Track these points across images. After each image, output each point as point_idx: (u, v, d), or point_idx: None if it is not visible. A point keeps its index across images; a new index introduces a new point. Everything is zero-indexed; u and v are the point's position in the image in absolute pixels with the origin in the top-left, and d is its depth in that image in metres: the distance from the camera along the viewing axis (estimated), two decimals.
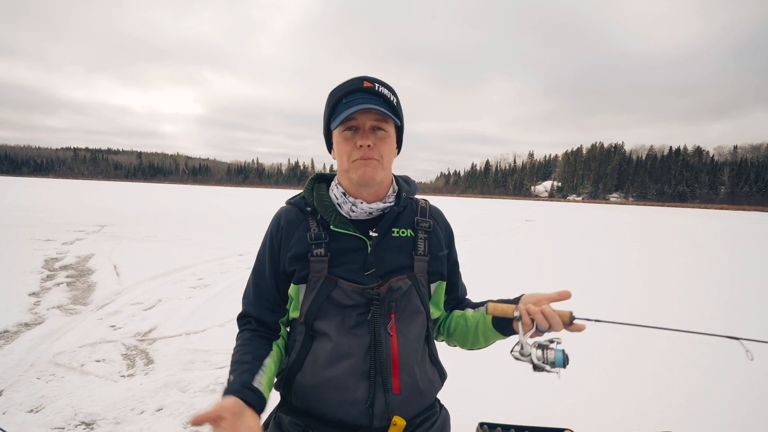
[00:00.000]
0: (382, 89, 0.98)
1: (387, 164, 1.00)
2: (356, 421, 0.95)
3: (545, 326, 0.92)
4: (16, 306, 4.17)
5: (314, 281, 0.97)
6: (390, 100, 0.99)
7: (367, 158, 0.95)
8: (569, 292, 0.95)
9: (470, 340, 1.10)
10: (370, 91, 0.97)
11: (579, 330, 0.93)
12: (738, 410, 2.62)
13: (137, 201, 25.88)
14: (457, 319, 1.12)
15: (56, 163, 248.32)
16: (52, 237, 8.96)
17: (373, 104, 0.94)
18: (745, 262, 9.52)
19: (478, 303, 1.14)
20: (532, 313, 0.93)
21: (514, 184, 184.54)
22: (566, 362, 0.87)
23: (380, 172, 0.98)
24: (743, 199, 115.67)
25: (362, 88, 0.97)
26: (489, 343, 1.09)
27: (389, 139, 0.99)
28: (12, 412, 2.34)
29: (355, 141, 0.96)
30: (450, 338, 1.15)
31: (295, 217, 1.04)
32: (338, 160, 1.02)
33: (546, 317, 0.92)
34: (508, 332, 1.02)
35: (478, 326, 1.06)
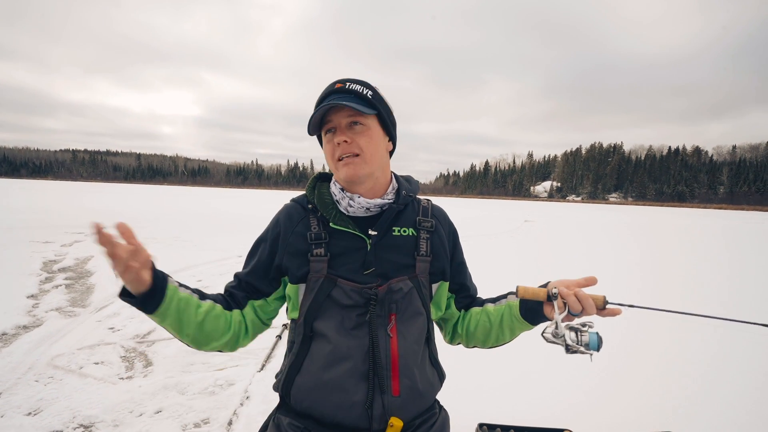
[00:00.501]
0: (353, 86, 1.00)
1: (371, 157, 0.99)
2: (355, 423, 0.94)
3: (578, 309, 0.90)
4: (14, 308, 4.15)
5: (314, 281, 0.97)
6: (362, 93, 0.99)
7: (347, 155, 0.97)
8: (595, 278, 0.95)
9: (494, 336, 1.08)
10: (341, 91, 0.99)
11: (613, 314, 0.92)
12: (738, 410, 2.62)
13: (136, 203, 25.85)
14: (476, 315, 1.10)
15: (55, 165, 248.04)
16: (51, 239, 8.94)
17: (340, 101, 0.95)
18: (744, 261, 9.53)
19: (497, 297, 1.12)
20: (564, 296, 0.91)
21: (513, 185, 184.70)
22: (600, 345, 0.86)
23: (364, 167, 0.98)
24: (742, 199, 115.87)
25: (334, 90, 0.99)
26: (514, 336, 1.07)
27: (369, 131, 0.99)
28: (10, 415, 2.33)
29: (334, 140, 0.98)
30: (470, 338, 1.13)
31: (296, 214, 1.05)
32: (327, 163, 1.05)
33: (579, 300, 0.91)
34: (537, 320, 1.01)
35: (503, 319, 1.05)
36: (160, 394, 2.63)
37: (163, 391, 2.67)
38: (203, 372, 2.96)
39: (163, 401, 2.55)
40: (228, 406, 2.51)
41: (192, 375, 2.90)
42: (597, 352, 0.86)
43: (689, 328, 4.27)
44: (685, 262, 9.20)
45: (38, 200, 23.12)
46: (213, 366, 3.07)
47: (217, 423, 2.35)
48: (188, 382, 2.78)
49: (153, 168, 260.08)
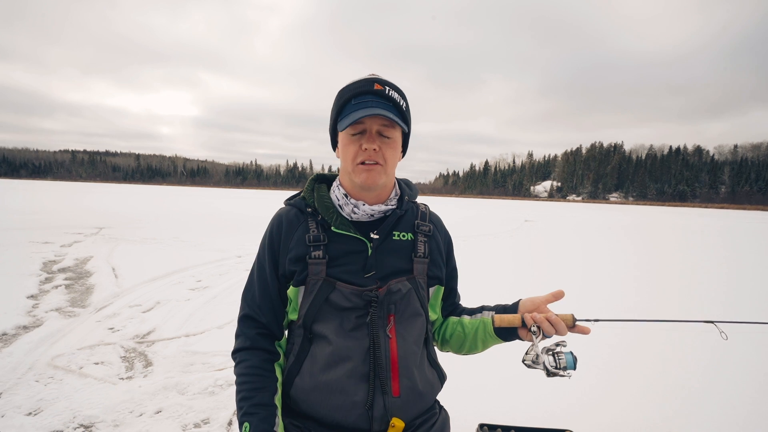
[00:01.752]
0: (393, 93, 0.97)
1: (390, 169, 0.99)
2: (355, 424, 0.94)
3: (552, 333, 0.96)
4: (14, 308, 4.15)
5: (312, 283, 0.97)
6: (399, 104, 0.98)
7: (371, 161, 0.95)
8: (562, 291, 0.99)
9: (467, 346, 1.11)
10: (381, 95, 0.96)
11: (583, 332, 0.96)
12: (738, 409, 2.62)
13: (135, 203, 25.85)
14: (453, 325, 1.12)
15: (54, 166, 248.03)
16: (51, 239, 8.94)
17: (382, 109, 0.93)
18: (743, 261, 9.53)
19: (474, 309, 1.14)
20: (538, 321, 0.96)
21: (513, 185, 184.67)
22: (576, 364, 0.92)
23: (383, 177, 0.97)
24: (744, 199, 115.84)
25: (372, 90, 0.96)
26: (486, 348, 1.10)
27: (395, 144, 0.98)
28: (10, 415, 2.33)
29: (361, 143, 0.95)
30: (444, 344, 1.16)
31: (295, 218, 1.03)
32: (342, 161, 1.01)
33: (552, 324, 0.95)
34: (509, 338, 1.04)
35: (477, 333, 1.07)
36: (160, 395, 2.62)
37: (163, 391, 2.67)
38: (203, 372, 2.96)
39: (163, 401, 2.54)
40: (228, 407, 2.51)
41: (192, 375, 2.90)
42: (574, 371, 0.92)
43: (688, 327, 4.27)
44: (683, 262, 9.19)
45: (38, 201, 23.12)
46: (213, 366, 3.07)
47: (217, 423, 2.35)
48: (188, 383, 2.78)
49: (152, 168, 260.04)
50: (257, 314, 1.02)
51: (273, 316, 1.02)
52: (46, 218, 13.29)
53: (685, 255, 10.27)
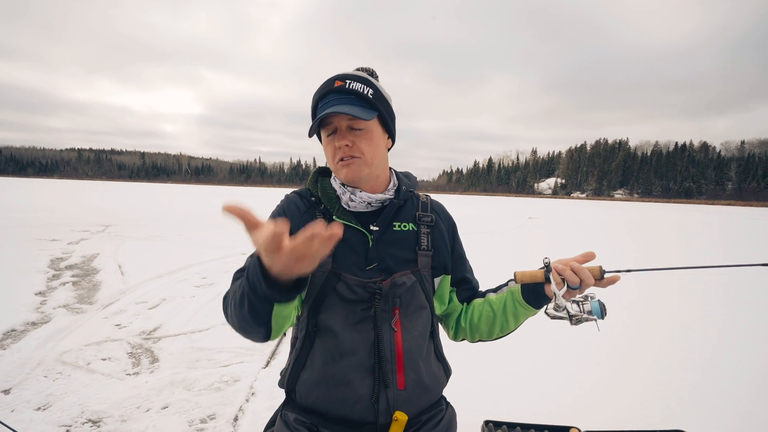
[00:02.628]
0: (354, 85, 0.96)
1: (372, 159, 0.98)
2: (361, 417, 0.94)
3: (576, 282, 0.90)
4: (22, 305, 4.20)
5: (318, 275, 0.96)
6: (363, 94, 0.96)
7: (348, 157, 0.96)
8: (593, 252, 0.95)
9: (498, 325, 1.07)
10: (341, 90, 0.96)
11: (613, 282, 0.92)
12: (744, 402, 2.60)
13: (141, 201, 26.01)
14: (479, 306, 1.09)
15: (61, 164, 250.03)
16: (58, 237, 9.02)
17: (343, 104, 0.93)
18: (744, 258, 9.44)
19: (498, 286, 1.12)
20: (560, 271, 0.92)
21: (517, 182, 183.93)
22: (604, 312, 0.86)
23: (365, 169, 0.97)
24: (751, 195, 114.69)
25: (333, 88, 0.96)
26: (519, 323, 1.06)
27: (369, 133, 0.97)
28: (20, 410, 2.36)
29: (334, 143, 0.97)
30: (474, 330, 1.11)
31: (301, 205, 1.04)
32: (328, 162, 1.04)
33: (575, 272, 0.91)
34: (540, 303, 1.00)
35: (506, 306, 1.04)
36: (166, 390, 2.65)
37: (170, 387, 2.69)
38: (209, 368, 2.98)
39: (169, 397, 2.57)
40: (234, 402, 2.53)
41: (198, 371, 2.92)
42: (602, 319, 0.86)
43: (690, 321, 4.24)
44: (687, 259, 9.13)
45: (45, 199, 23.33)
46: (218, 362, 3.09)
47: (223, 419, 2.36)
48: (194, 379, 2.80)
49: (157, 166, 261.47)
50: None
51: None
52: (54, 216, 13.41)
53: (688, 252, 10.19)
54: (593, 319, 0.86)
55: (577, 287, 0.91)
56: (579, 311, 0.86)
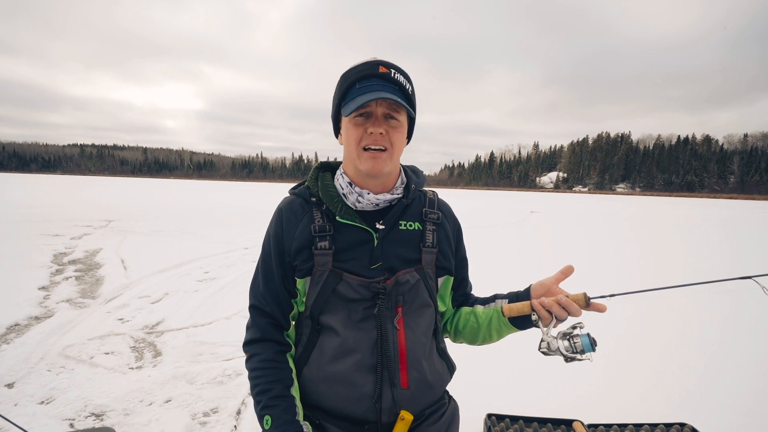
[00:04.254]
0: (398, 76, 0.94)
1: (396, 155, 0.96)
2: (364, 416, 0.93)
3: (564, 317, 0.91)
4: (26, 300, 4.22)
5: (318, 275, 0.95)
6: (405, 88, 0.94)
7: (376, 147, 0.92)
8: (571, 266, 0.95)
9: (481, 337, 1.07)
10: (386, 78, 0.93)
11: (599, 310, 0.92)
12: (747, 396, 2.59)
13: (143, 196, 26.06)
14: (466, 315, 1.09)
15: (63, 160, 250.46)
16: (61, 232, 9.05)
17: (388, 92, 0.90)
18: (745, 253, 9.40)
19: (487, 298, 1.11)
20: (547, 306, 0.91)
21: (519, 176, 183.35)
22: (594, 345, 0.87)
23: (389, 164, 0.94)
24: (753, 188, 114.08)
25: (377, 73, 0.92)
26: (501, 337, 1.07)
27: (401, 128, 0.95)
28: (23, 404, 2.37)
29: (366, 127, 0.92)
30: (458, 336, 1.13)
31: (299, 208, 1.01)
32: (346, 147, 0.98)
33: (563, 307, 0.90)
34: (525, 326, 1.00)
35: (492, 322, 1.04)
36: (169, 384, 2.65)
37: (173, 380, 2.70)
38: (211, 362, 2.99)
39: (172, 391, 2.57)
40: (236, 396, 2.53)
41: (200, 365, 2.93)
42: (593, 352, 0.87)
43: (694, 315, 4.23)
44: (687, 252, 9.09)
45: (48, 194, 23.39)
46: (221, 356, 3.10)
47: (226, 412, 2.37)
48: (197, 372, 2.81)
49: (159, 162, 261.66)
50: (262, 304, 1.00)
51: (278, 306, 1.00)
52: (57, 211, 13.45)
53: (691, 245, 10.15)
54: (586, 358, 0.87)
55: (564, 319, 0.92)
56: (571, 349, 0.88)
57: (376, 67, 0.93)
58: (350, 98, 0.93)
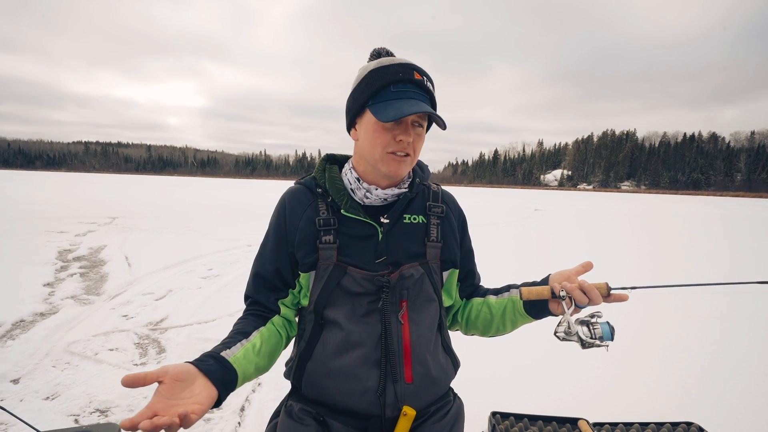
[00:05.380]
0: (429, 85, 0.95)
1: (416, 159, 0.98)
2: (367, 410, 0.93)
3: (584, 302, 0.89)
4: (31, 296, 4.24)
5: (323, 268, 0.95)
6: (434, 97, 0.96)
7: (402, 153, 0.92)
8: (591, 262, 0.94)
9: (494, 327, 1.06)
10: (421, 86, 0.93)
11: (620, 300, 0.91)
12: (755, 395, 2.57)
13: (147, 193, 26.19)
14: (478, 306, 1.08)
15: (68, 157, 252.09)
16: (65, 229, 9.11)
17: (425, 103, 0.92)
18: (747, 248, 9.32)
19: (500, 288, 1.10)
20: (569, 290, 0.90)
21: (523, 174, 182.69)
22: (613, 334, 0.86)
23: (409, 168, 0.96)
24: (760, 186, 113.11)
25: (413, 79, 0.92)
26: (515, 328, 1.06)
27: (424, 135, 0.98)
28: (29, 400, 2.39)
29: (395, 134, 0.91)
30: (469, 327, 1.11)
31: (304, 198, 1.00)
32: (367, 147, 0.95)
33: (585, 292, 0.89)
34: (541, 315, 0.99)
35: (506, 312, 1.03)
36: None
37: None
38: None
39: None
40: (240, 393, 2.54)
41: None
42: (612, 341, 0.85)
43: (695, 311, 4.19)
44: (694, 250, 9.02)
45: (52, 192, 23.55)
46: None
47: (230, 409, 2.37)
48: None
49: (163, 159, 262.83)
50: (250, 292, 1.02)
51: (266, 293, 1.00)
52: (61, 208, 13.54)
53: (699, 244, 10.07)
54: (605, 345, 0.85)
55: (584, 306, 0.90)
56: (590, 336, 0.85)
57: (412, 73, 0.92)
58: (383, 100, 0.91)
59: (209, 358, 0.78)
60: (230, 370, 0.79)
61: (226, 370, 0.78)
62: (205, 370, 0.74)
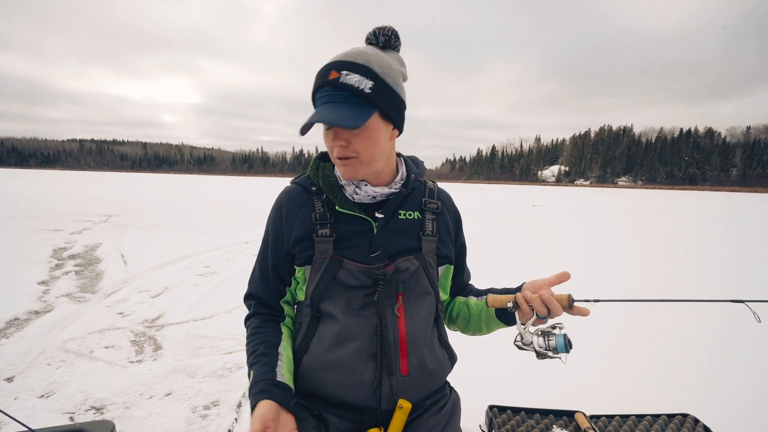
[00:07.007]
0: (349, 78, 0.84)
1: (370, 158, 0.90)
2: (363, 403, 0.93)
3: (544, 312, 0.90)
4: (25, 294, 4.21)
5: (319, 262, 0.95)
6: (358, 89, 0.84)
7: (342, 156, 0.90)
8: (568, 273, 0.93)
9: (472, 327, 1.09)
10: (335, 84, 0.85)
11: (582, 314, 0.90)
12: (753, 388, 2.58)
13: (143, 191, 26.06)
14: (459, 305, 1.11)
15: (63, 155, 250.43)
16: (60, 227, 9.04)
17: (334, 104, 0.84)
18: (747, 244, 9.38)
19: (481, 291, 1.12)
20: (529, 300, 0.90)
21: (520, 169, 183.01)
22: (569, 347, 0.86)
23: (362, 169, 0.91)
24: (756, 181, 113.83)
25: (327, 81, 0.86)
26: (491, 331, 1.08)
27: (367, 132, 0.88)
28: (23, 398, 2.37)
29: (330, 141, 0.90)
30: (452, 323, 1.15)
31: (299, 197, 1.01)
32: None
33: (544, 303, 0.89)
34: (511, 322, 1.00)
35: (481, 315, 1.05)
36: (169, 377, 2.65)
37: (173, 374, 2.69)
38: (212, 356, 2.98)
39: (172, 384, 2.57)
40: (237, 389, 2.53)
41: (201, 359, 2.92)
42: (567, 353, 0.87)
43: (697, 305, 4.21)
44: (689, 247, 9.07)
45: (47, 190, 23.40)
46: (221, 350, 3.09)
47: (227, 405, 2.36)
48: (197, 366, 2.80)
49: (159, 156, 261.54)
50: (256, 292, 1.06)
51: (269, 294, 1.04)
52: (56, 206, 13.44)
53: (693, 240, 10.12)
54: (558, 357, 0.87)
55: (545, 317, 0.90)
56: (545, 347, 0.87)
57: (328, 74, 0.86)
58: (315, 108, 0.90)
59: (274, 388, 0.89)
60: (288, 389, 0.92)
61: (288, 392, 0.91)
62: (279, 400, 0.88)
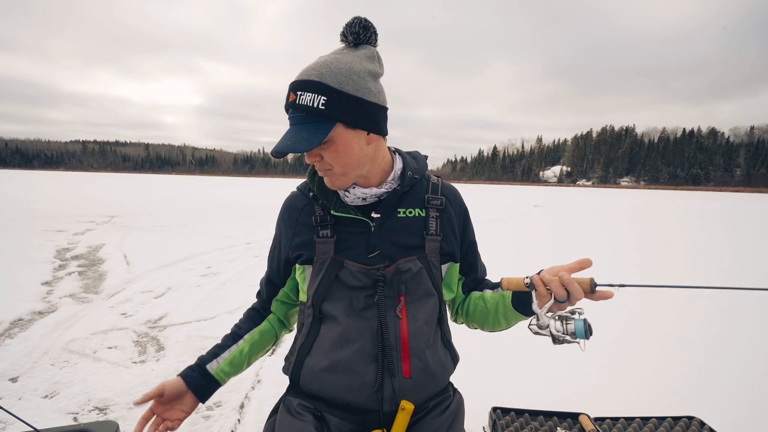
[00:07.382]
0: (304, 98, 0.83)
1: (344, 168, 0.89)
2: (365, 404, 0.92)
3: (563, 295, 0.82)
4: (29, 295, 4.22)
5: (320, 262, 0.95)
6: (313, 108, 0.82)
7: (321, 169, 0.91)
8: (590, 259, 0.86)
9: (490, 322, 1.05)
10: (294, 107, 0.85)
11: (605, 297, 0.84)
12: (757, 389, 2.56)
13: (146, 192, 26.13)
14: (475, 300, 1.07)
15: (66, 156, 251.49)
16: (63, 228, 9.08)
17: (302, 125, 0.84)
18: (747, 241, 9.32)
19: (496, 283, 1.08)
20: (547, 282, 0.83)
21: (522, 170, 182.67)
22: (589, 332, 0.79)
23: (341, 179, 0.91)
24: (760, 181, 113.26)
25: (289, 104, 0.86)
26: (510, 325, 1.03)
27: (333, 145, 0.86)
28: (27, 398, 2.37)
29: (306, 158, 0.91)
30: (469, 321, 1.11)
31: (299, 202, 1.03)
32: None
33: (564, 285, 0.82)
34: (528, 312, 0.96)
35: (498, 307, 1.01)
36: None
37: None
38: None
39: None
40: (239, 390, 2.53)
41: None
42: (586, 339, 0.80)
43: (696, 306, 4.19)
44: (689, 243, 9.03)
45: (51, 191, 23.49)
46: None
47: (229, 406, 2.37)
48: None
49: (161, 158, 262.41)
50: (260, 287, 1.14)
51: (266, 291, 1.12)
52: (59, 207, 13.50)
53: (694, 238, 10.08)
54: (576, 342, 0.80)
55: (565, 300, 0.83)
56: (562, 331, 0.80)
57: (288, 95, 0.86)
58: None
59: (193, 373, 1.02)
60: (209, 381, 1.03)
61: (208, 383, 1.03)
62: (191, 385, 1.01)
